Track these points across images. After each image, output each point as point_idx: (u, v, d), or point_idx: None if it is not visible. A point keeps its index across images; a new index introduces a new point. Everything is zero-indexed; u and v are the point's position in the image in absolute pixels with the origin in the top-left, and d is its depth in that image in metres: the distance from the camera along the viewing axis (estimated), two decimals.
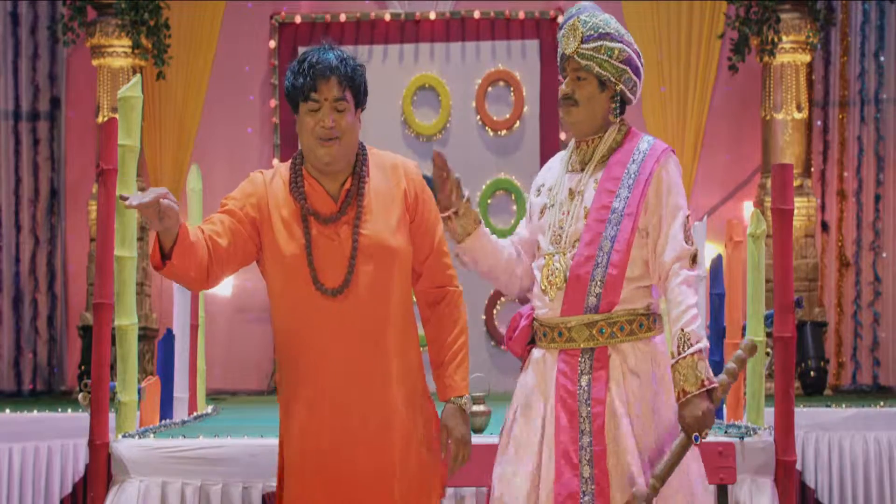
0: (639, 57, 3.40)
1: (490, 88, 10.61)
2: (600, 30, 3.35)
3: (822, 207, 10.35)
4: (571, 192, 3.35)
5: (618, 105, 3.37)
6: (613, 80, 3.33)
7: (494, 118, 10.54)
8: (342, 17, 10.63)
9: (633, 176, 3.30)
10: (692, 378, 3.19)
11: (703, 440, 3.22)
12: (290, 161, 3.27)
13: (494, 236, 3.49)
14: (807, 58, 9.74)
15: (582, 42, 3.32)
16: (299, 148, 3.27)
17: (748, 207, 10.00)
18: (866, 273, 10.35)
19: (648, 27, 10.16)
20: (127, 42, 9.61)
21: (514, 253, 3.48)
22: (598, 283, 3.26)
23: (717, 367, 5.87)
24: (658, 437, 3.26)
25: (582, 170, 3.37)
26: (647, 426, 3.26)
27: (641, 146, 3.35)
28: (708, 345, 3.27)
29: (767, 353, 5.13)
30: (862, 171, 10.40)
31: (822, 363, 9.45)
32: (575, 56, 3.32)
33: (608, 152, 3.36)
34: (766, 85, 9.76)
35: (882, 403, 7.36)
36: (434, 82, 10.64)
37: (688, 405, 3.20)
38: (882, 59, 10.41)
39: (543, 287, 3.33)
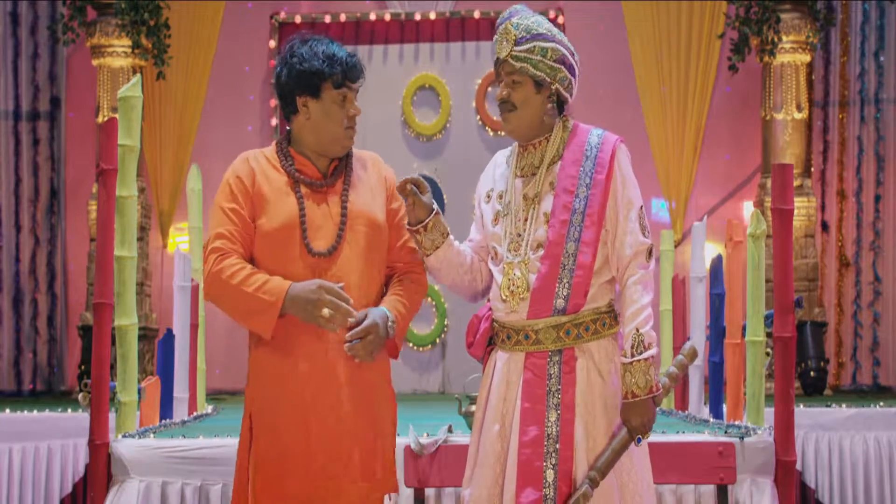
0: (573, 56, 3.36)
1: (490, 88, 10.61)
2: (532, 31, 3.30)
3: (822, 207, 10.36)
4: (527, 198, 3.32)
5: (555, 105, 3.35)
6: (549, 79, 3.29)
7: (494, 118, 10.54)
8: (342, 17, 10.63)
9: (589, 173, 3.28)
10: (643, 382, 3.23)
11: (643, 441, 3.28)
12: (272, 144, 3.40)
13: (457, 243, 3.46)
14: (807, 58, 9.74)
15: (515, 44, 3.28)
16: (287, 130, 3.40)
17: (748, 207, 10.01)
18: (866, 273, 10.35)
19: (648, 27, 10.17)
20: (127, 42, 9.62)
21: (475, 259, 3.45)
22: (566, 284, 3.25)
23: (717, 367, 5.89)
24: (608, 436, 3.29)
25: (533, 174, 3.34)
26: (605, 425, 3.27)
27: (592, 140, 3.33)
28: (658, 351, 3.31)
29: (767, 353, 5.13)
30: (862, 171, 10.41)
31: (822, 363, 9.45)
32: (509, 59, 3.29)
33: (557, 153, 3.34)
34: (766, 85, 9.76)
35: (882, 403, 7.36)
36: (434, 82, 10.64)
37: (636, 408, 3.24)
38: (882, 59, 10.41)
39: (504, 297, 3.30)
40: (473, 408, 4.74)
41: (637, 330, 3.25)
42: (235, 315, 3.30)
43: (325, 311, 3.15)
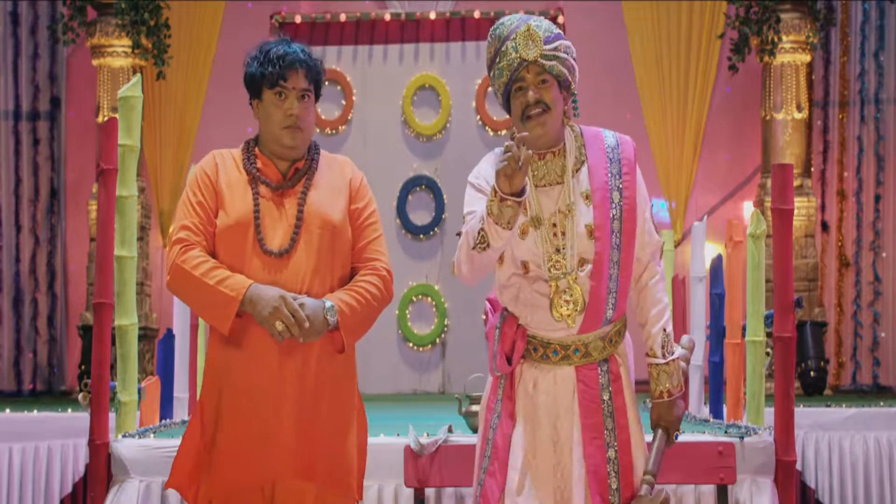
0: None
1: (490, 88, 10.59)
2: (554, 31, 3.24)
3: (822, 207, 10.36)
4: (561, 211, 3.21)
5: (576, 104, 3.30)
6: (570, 80, 3.24)
7: (494, 118, 10.54)
8: (342, 17, 10.63)
9: (618, 176, 3.24)
10: (676, 380, 3.27)
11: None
12: (242, 144, 3.46)
13: None
14: (807, 58, 9.74)
15: (544, 44, 3.20)
16: (255, 135, 3.44)
17: (748, 207, 10.01)
18: (866, 273, 10.35)
19: (648, 27, 10.17)
20: (127, 42, 9.62)
21: None
22: (614, 295, 3.22)
23: (717, 367, 5.89)
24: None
25: (558, 183, 3.23)
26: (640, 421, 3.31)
27: (609, 142, 3.29)
28: None
29: (767, 354, 5.13)
30: (862, 171, 10.41)
31: (822, 363, 9.45)
32: (539, 59, 3.19)
33: (578, 159, 3.26)
34: (766, 85, 9.76)
35: (882, 403, 7.36)
36: (434, 82, 10.64)
37: (672, 406, 3.27)
38: (882, 59, 10.41)
39: (558, 316, 3.19)
40: (474, 408, 4.74)
41: (664, 330, 3.27)
42: (195, 307, 3.36)
43: (279, 325, 3.17)
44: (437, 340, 10.49)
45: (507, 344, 3.26)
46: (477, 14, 10.53)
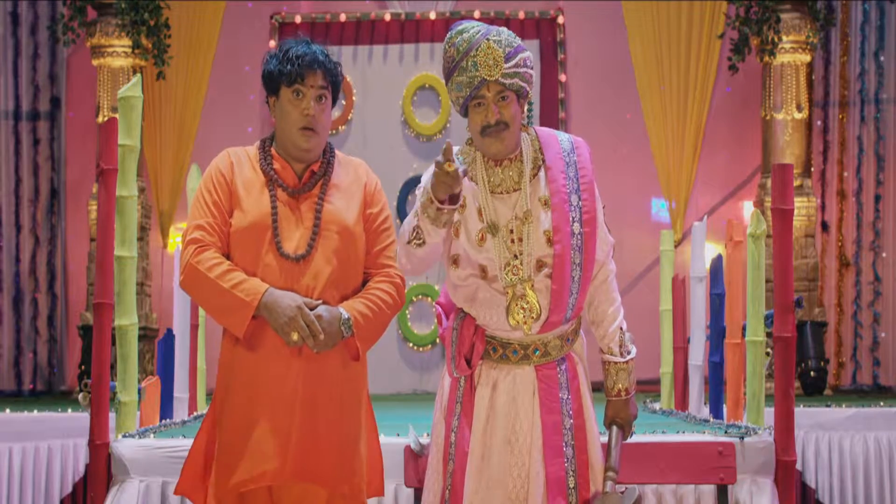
0: None
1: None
2: (513, 44, 3.19)
3: (822, 207, 10.36)
4: (517, 217, 3.21)
5: (530, 109, 3.30)
6: (528, 89, 3.22)
7: None
8: (342, 17, 10.63)
9: (575, 179, 3.23)
10: (633, 380, 3.32)
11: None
12: (256, 143, 3.42)
13: None
14: (807, 58, 9.74)
15: (505, 62, 3.16)
16: (272, 133, 3.42)
17: (748, 207, 10.01)
18: (866, 273, 10.35)
19: (648, 27, 10.18)
20: (127, 42, 9.62)
21: None
22: (575, 295, 3.22)
23: (717, 367, 5.89)
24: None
25: (516, 190, 3.23)
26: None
27: (564, 146, 3.27)
28: None
29: (767, 354, 5.13)
30: (862, 171, 10.41)
31: (822, 363, 9.45)
32: (499, 79, 3.15)
33: (535, 164, 3.25)
34: (766, 85, 9.76)
35: (882, 403, 7.37)
36: (434, 82, 10.64)
37: (628, 404, 3.32)
38: (882, 59, 10.41)
39: (515, 321, 3.19)
40: None
41: (621, 329, 3.31)
42: (209, 309, 3.32)
43: (295, 336, 3.17)
44: (437, 340, 10.50)
45: (466, 345, 3.26)
46: (477, 14, 10.52)
